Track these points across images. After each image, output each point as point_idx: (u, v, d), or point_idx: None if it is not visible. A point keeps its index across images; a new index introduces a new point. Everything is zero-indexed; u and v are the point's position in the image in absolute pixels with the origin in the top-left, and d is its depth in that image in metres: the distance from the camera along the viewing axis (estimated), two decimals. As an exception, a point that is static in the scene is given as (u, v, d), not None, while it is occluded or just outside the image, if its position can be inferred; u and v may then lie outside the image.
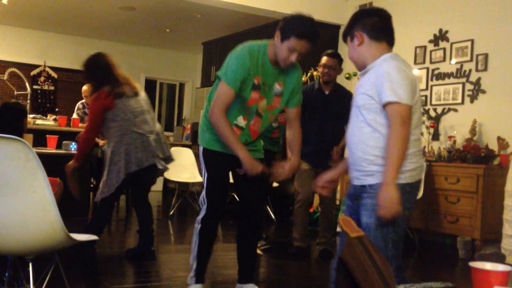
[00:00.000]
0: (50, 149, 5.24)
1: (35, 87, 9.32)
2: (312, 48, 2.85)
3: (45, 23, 8.88)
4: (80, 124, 5.97)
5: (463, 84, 5.64)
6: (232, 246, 4.75)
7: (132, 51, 10.20)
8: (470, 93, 5.56)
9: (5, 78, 6.72)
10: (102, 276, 3.67)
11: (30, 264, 2.47)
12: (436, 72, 5.94)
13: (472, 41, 5.57)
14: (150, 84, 10.60)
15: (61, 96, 9.66)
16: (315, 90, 4.47)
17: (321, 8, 7.12)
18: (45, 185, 2.27)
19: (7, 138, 2.23)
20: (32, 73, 9.35)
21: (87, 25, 8.77)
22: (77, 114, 6.53)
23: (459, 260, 4.86)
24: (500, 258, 4.46)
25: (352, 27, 2.34)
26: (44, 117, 6.42)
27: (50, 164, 2.87)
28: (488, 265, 1.61)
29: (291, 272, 4.21)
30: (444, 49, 5.87)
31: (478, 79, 5.49)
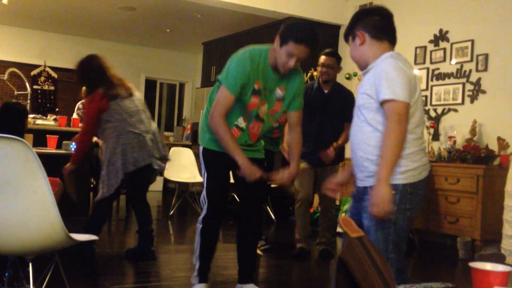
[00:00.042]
0: (50, 149, 5.23)
1: (35, 87, 9.32)
2: (311, 53, 2.84)
3: (45, 23, 8.88)
4: (80, 124, 5.97)
5: (463, 84, 5.64)
6: (232, 246, 4.75)
7: (132, 51, 10.21)
8: (470, 93, 5.56)
9: (5, 78, 6.72)
10: (102, 276, 3.67)
11: (30, 264, 2.47)
12: (436, 72, 5.94)
13: (472, 41, 5.57)
14: (150, 84, 10.60)
15: (61, 96, 9.67)
16: (315, 90, 4.48)
17: (321, 8, 7.12)
18: (45, 185, 2.27)
19: (7, 138, 2.22)
20: (32, 73, 9.35)
21: (87, 25, 8.78)
22: (77, 114, 6.53)
23: (459, 260, 4.86)
24: (500, 258, 4.46)
25: (354, 26, 2.33)
26: (44, 117, 6.42)
27: (50, 164, 2.87)
28: (488, 266, 1.61)
29: (291, 272, 4.21)
30: (444, 49, 5.87)
31: (478, 79, 5.49)
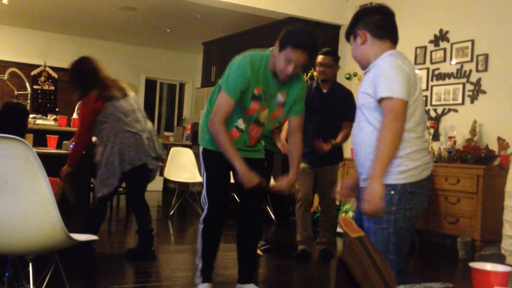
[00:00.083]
0: (50, 149, 5.24)
1: (35, 87, 9.32)
2: (310, 59, 2.84)
3: (45, 23, 8.88)
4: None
5: (464, 84, 5.64)
6: (232, 246, 4.74)
7: (132, 51, 10.21)
8: (471, 93, 5.55)
9: (5, 78, 6.72)
10: (102, 276, 3.67)
11: (30, 264, 2.47)
12: (436, 72, 5.94)
13: (473, 41, 5.57)
14: (150, 84, 10.60)
15: (61, 96, 9.67)
16: (314, 89, 4.48)
17: (321, 8, 7.13)
18: (45, 185, 2.27)
19: (7, 138, 2.22)
20: (33, 73, 9.35)
21: (87, 25, 8.78)
22: (77, 114, 6.53)
23: (459, 260, 4.86)
24: (500, 258, 4.46)
25: (355, 25, 2.31)
26: (44, 117, 6.42)
27: (50, 164, 2.87)
28: (488, 266, 1.60)
29: (291, 272, 4.21)
30: (445, 49, 5.87)
31: (479, 79, 5.49)
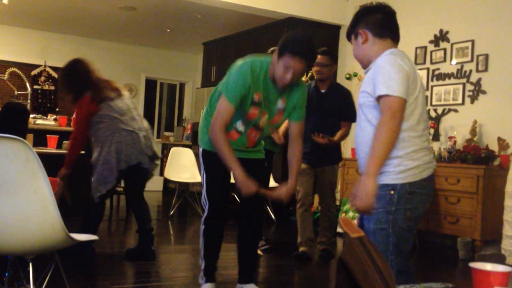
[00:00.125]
0: (50, 149, 5.23)
1: (35, 87, 9.32)
2: (308, 66, 2.85)
3: (45, 23, 8.88)
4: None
5: (464, 84, 5.64)
6: (232, 246, 4.75)
7: (133, 51, 10.21)
8: (471, 93, 5.55)
9: (5, 78, 6.72)
10: (102, 276, 3.67)
11: (30, 264, 2.47)
12: (436, 72, 5.94)
13: (473, 41, 5.57)
14: (150, 84, 10.60)
15: (61, 96, 9.64)
16: (312, 89, 4.48)
17: (321, 8, 7.12)
18: (45, 185, 2.27)
19: (7, 138, 2.22)
20: (33, 73, 9.35)
21: (87, 25, 8.78)
22: (76, 114, 6.52)
23: (459, 260, 4.86)
24: (500, 258, 4.46)
25: (356, 25, 2.30)
26: (44, 117, 6.42)
27: (50, 164, 2.87)
28: (488, 266, 1.60)
29: (291, 272, 4.21)
30: (445, 49, 5.87)
31: (479, 79, 5.49)
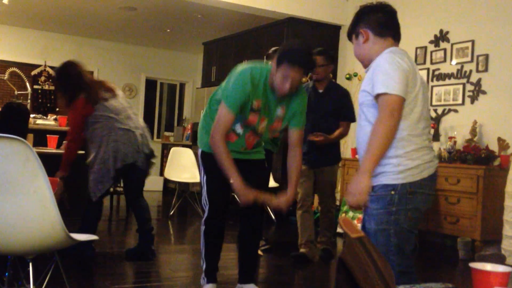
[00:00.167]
0: (51, 149, 5.23)
1: (35, 87, 9.32)
2: (306, 75, 2.85)
3: (45, 23, 8.88)
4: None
5: (464, 84, 5.64)
6: (232, 246, 4.75)
7: (133, 51, 10.21)
8: (471, 93, 5.55)
9: (5, 77, 6.72)
10: (102, 276, 3.67)
11: (30, 264, 2.47)
12: (436, 72, 5.94)
13: (473, 41, 5.57)
14: (150, 84, 10.60)
15: (61, 96, 9.66)
16: (310, 89, 4.48)
17: (321, 8, 7.13)
18: (45, 185, 2.27)
19: (7, 138, 2.22)
20: (33, 72, 9.35)
21: (88, 25, 8.78)
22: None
23: (459, 261, 4.86)
24: (500, 259, 4.46)
25: (357, 24, 2.30)
26: (44, 117, 6.42)
27: (50, 164, 2.87)
28: (488, 266, 1.60)
29: (291, 272, 4.21)
30: (445, 49, 5.87)
31: (479, 79, 5.49)
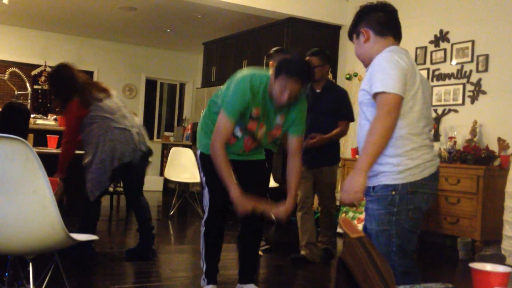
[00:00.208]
0: (51, 149, 5.23)
1: (35, 87, 9.32)
2: (304, 87, 2.87)
3: (45, 23, 8.88)
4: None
5: (464, 85, 5.64)
6: (232, 246, 4.75)
7: (133, 51, 10.21)
8: (471, 94, 5.55)
9: (5, 77, 6.72)
10: (102, 276, 3.67)
11: (30, 264, 2.47)
12: (436, 73, 5.94)
13: (473, 42, 5.57)
14: (150, 84, 10.60)
15: (61, 96, 9.67)
16: (307, 90, 4.46)
17: (321, 9, 7.13)
18: (45, 185, 2.27)
19: (7, 138, 2.22)
20: (33, 72, 9.35)
21: (88, 25, 8.78)
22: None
23: (459, 261, 4.86)
24: (500, 259, 4.46)
25: (357, 24, 2.30)
26: (44, 117, 6.43)
27: (50, 164, 2.87)
28: (488, 266, 1.60)
29: (291, 272, 4.21)
30: (445, 49, 5.87)
31: (479, 80, 5.49)
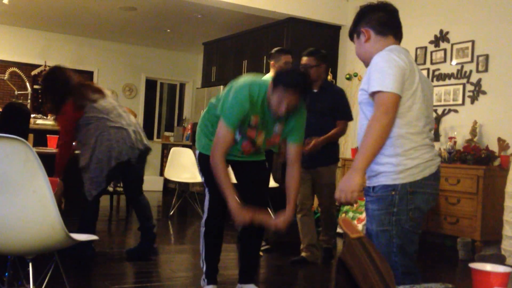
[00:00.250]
0: (50, 149, 5.23)
1: (35, 86, 9.30)
2: (302, 99, 2.87)
3: (45, 23, 8.88)
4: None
5: (464, 85, 5.64)
6: (232, 247, 4.75)
7: (133, 51, 10.21)
8: (471, 94, 5.55)
9: (5, 77, 6.73)
10: (102, 276, 3.66)
11: (30, 264, 2.47)
12: (436, 73, 5.94)
13: (473, 42, 5.57)
14: (150, 84, 10.60)
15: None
16: (307, 99, 4.44)
17: (321, 9, 7.13)
18: (45, 185, 2.27)
19: (7, 138, 2.22)
20: (33, 72, 9.34)
21: (88, 25, 8.78)
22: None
23: (459, 261, 4.86)
24: (500, 259, 4.46)
25: (358, 23, 2.30)
26: (44, 117, 6.42)
27: (50, 164, 2.87)
28: (488, 266, 1.60)
29: (291, 272, 4.21)
30: (445, 50, 5.87)
31: (479, 80, 5.49)
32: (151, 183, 8.93)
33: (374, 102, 2.07)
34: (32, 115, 6.05)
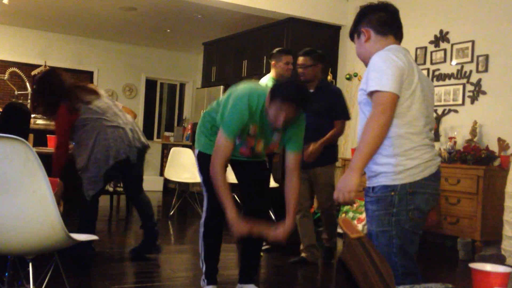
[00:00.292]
0: (51, 149, 5.23)
1: (35, 87, 9.31)
2: (300, 111, 2.86)
3: (46, 23, 8.88)
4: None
5: (464, 85, 5.64)
6: (232, 247, 4.75)
7: (133, 51, 10.21)
8: (471, 94, 5.55)
9: (5, 77, 6.72)
10: (102, 276, 3.67)
11: (30, 264, 2.47)
12: (436, 73, 5.94)
13: (473, 42, 5.57)
14: (150, 84, 10.60)
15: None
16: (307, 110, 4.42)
17: (321, 9, 7.13)
18: (45, 185, 2.27)
19: (7, 138, 2.22)
20: (33, 73, 9.29)
21: (88, 25, 8.78)
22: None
23: (459, 261, 4.86)
24: (500, 259, 4.46)
25: (358, 23, 2.29)
26: (44, 117, 6.41)
27: (50, 164, 2.87)
28: (488, 267, 1.60)
29: (291, 272, 4.21)
30: (445, 50, 5.87)
31: (479, 80, 5.48)
32: (151, 183, 8.93)
33: (372, 101, 2.06)
34: (32, 115, 6.05)
